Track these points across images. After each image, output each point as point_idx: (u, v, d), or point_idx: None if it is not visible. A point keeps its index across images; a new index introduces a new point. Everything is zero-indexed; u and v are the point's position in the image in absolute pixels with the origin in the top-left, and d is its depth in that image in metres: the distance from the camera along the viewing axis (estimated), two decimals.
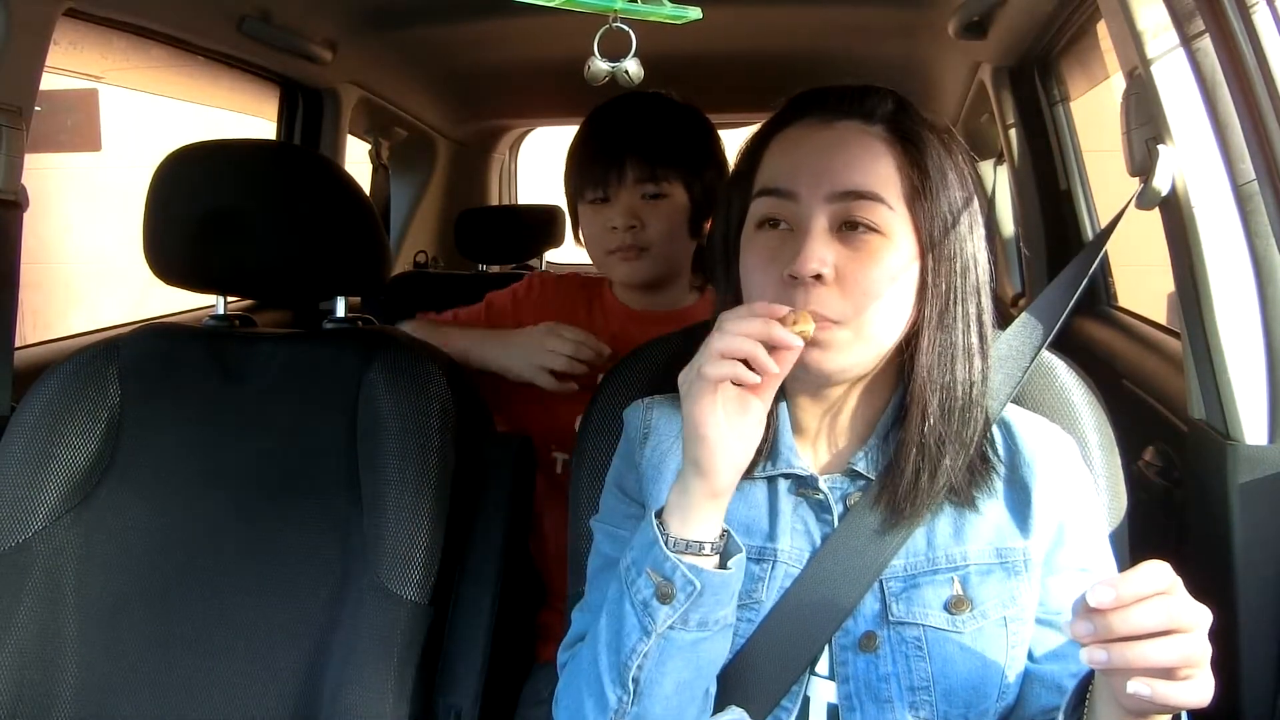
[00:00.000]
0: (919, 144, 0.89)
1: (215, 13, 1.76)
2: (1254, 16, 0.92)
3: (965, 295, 0.89)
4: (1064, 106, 2.00)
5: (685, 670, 0.85)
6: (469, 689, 1.21)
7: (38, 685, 1.21)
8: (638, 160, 1.44)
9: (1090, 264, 1.07)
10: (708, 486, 0.83)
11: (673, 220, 1.46)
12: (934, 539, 0.91)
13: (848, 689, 0.90)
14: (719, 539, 0.85)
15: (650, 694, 0.85)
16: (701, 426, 0.81)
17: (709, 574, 0.83)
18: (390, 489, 1.21)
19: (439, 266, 2.98)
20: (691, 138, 1.50)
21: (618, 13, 0.77)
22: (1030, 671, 0.91)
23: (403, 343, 1.32)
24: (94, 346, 1.33)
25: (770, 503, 0.94)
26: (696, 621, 0.84)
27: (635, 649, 0.84)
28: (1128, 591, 0.69)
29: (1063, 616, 0.91)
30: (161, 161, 1.31)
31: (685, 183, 1.47)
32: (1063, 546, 0.92)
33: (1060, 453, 0.95)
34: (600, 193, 1.46)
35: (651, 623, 0.83)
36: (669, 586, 0.83)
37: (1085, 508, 0.95)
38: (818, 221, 0.86)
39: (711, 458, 0.82)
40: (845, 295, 0.85)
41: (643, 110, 1.50)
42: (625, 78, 0.85)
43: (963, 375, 0.89)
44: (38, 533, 1.24)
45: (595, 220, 1.48)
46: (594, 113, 1.53)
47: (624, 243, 1.45)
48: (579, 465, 1.13)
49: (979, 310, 0.91)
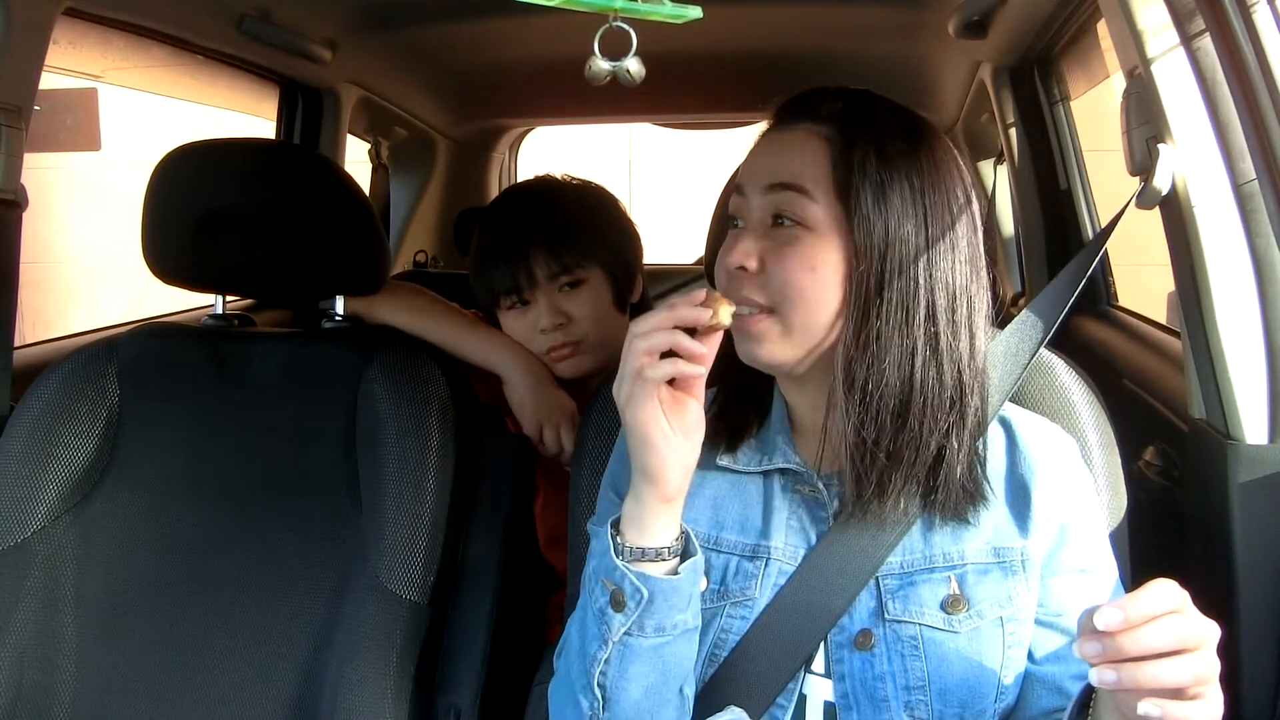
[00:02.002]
0: (856, 141, 0.87)
1: (215, 12, 1.76)
2: (1254, 16, 0.92)
3: (907, 292, 0.85)
4: (1064, 106, 2.00)
5: (651, 674, 0.86)
6: (469, 689, 1.21)
7: (37, 685, 1.21)
8: (545, 255, 1.39)
9: (1090, 263, 1.07)
10: (660, 492, 0.84)
11: (598, 305, 1.43)
12: (931, 537, 0.91)
13: (844, 687, 0.90)
14: (675, 542, 0.86)
15: (617, 700, 0.86)
16: (648, 433, 0.82)
17: (657, 581, 0.84)
18: (389, 488, 1.21)
19: (439, 266, 2.97)
20: (594, 215, 1.46)
21: (617, 12, 0.77)
22: (1031, 673, 0.91)
23: (402, 342, 1.32)
24: (93, 346, 1.33)
25: (765, 499, 0.94)
26: (653, 627, 0.85)
27: (596, 656, 0.86)
28: (1137, 613, 0.68)
29: (1066, 617, 0.91)
30: (160, 160, 1.31)
31: (599, 261, 1.43)
32: (1065, 548, 0.92)
33: (1061, 453, 0.95)
34: (515, 296, 1.42)
35: (608, 630, 0.85)
36: (621, 594, 0.84)
37: (1086, 508, 0.94)
38: (754, 214, 0.90)
39: (661, 463, 0.83)
40: (768, 284, 0.87)
41: (536, 202, 1.46)
42: (626, 77, 0.84)
43: (895, 377, 0.86)
44: (36, 532, 1.24)
45: (520, 325, 1.43)
46: (486, 215, 1.49)
47: (556, 342, 1.41)
48: (579, 465, 1.13)
49: (930, 310, 0.86)
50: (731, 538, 0.93)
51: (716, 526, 0.94)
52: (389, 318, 1.41)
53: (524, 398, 1.40)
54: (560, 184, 1.51)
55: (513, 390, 1.41)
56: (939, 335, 0.87)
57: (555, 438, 1.39)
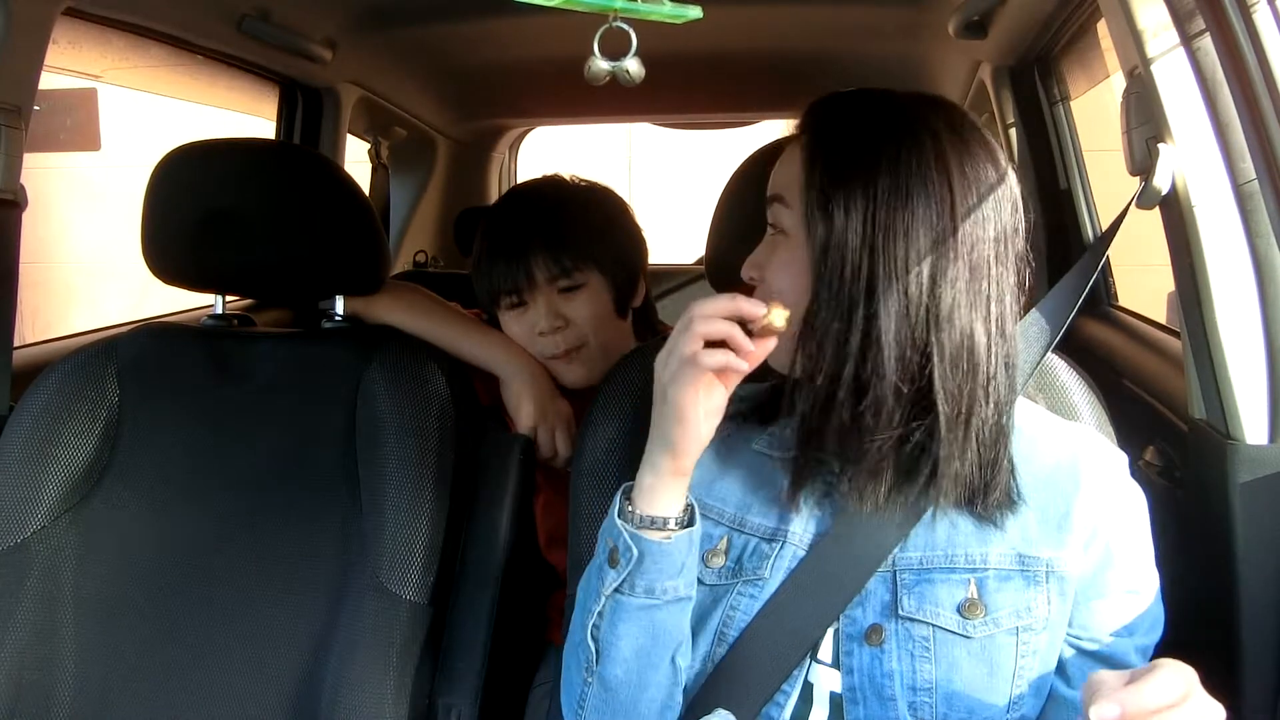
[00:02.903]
0: (820, 142, 0.88)
1: (215, 12, 1.76)
2: (1254, 16, 0.92)
3: (856, 281, 0.83)
4: (1064, 106, 2.00)
5: (640, 635, 0.90)
6: (468, 689, 1.21)
7: (37, 685, 1.21)
8: (544, 256, 1.39)
9: (1095, 265, 1.07)
10: (676, 464, 0.88)
11: (597, 309, 1.42)
12: (955, 535, 0.90)
13: (851, 680, 0.90)
14: (682, 513, 0.90)
15: (608, 655, 0.90)
16: (684, 412, 0.86)
17: (647, 542, 0.88)
18: (389, 488, 1.21)
19: (439, 266, 2.97)
20: (595, 218, 1.45)
21: (617, 12, 0.77)
22: (1061, 694, 0.90)
23: (402, 342, 1.32)
24: (92, 346, 1.33)
25: (788, 484, 0.94)
26: (643, 588, 0.89)
27: (591, 609, 0.91)
28: (1136, 707, 0.67)
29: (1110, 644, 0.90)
30: (160, 160, 1.31)
31: (599, 266, 1.42)
32: (1111, 568, 0.90)
33: (1111, 468, 0.93)
34: (514, 297, 1.41)
35: (601, 584, 0.90)
36: (616, 552, 0.89)
37: (1136, 527, 0.93)
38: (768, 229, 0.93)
39: (685, 439, 0.87)
40: (763, 294, 0.89)
41: (538, 203, 1.45)
42: (626, 77, 0.84)
43: (848, 370, 0.84)
44: (36, 532, 1.24)
45: (519, 326, 1.43)
46: (491, 213, 1.49)
47: (558, 349, 1.40)
48: (579, 466, 1.13)
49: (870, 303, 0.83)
50: (755, 520, 0.94)
51: (743, 508, 0.95)
52: (389, 318, 1.41)
53: (521, 399, 1.40)
54: (566, 185, 1.49)
55: (510, 391, 1.41)
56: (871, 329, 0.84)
57: (550, 440, 1.39)
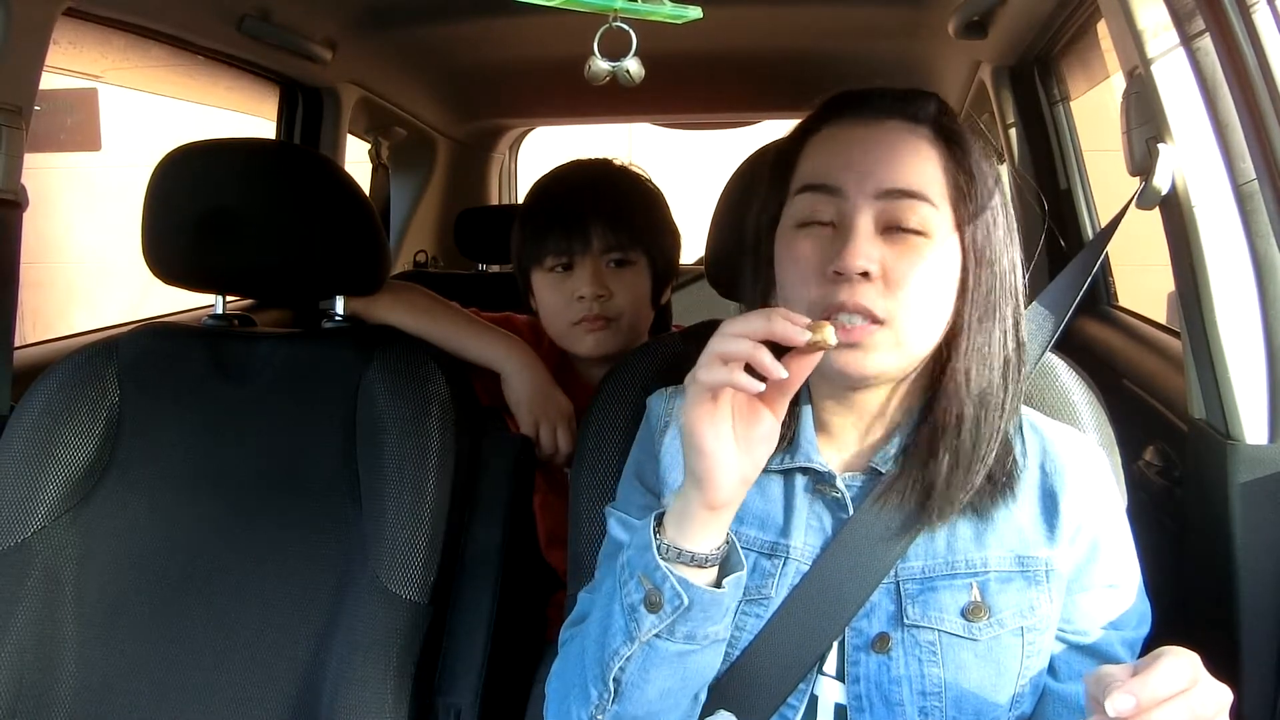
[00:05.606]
0: (964, 146, 0.88)
1: (215, 12, 1.76)
2: (1254, 16, 0.92)
3: (1003, 299, 0.88)
4: (1064, 106, 2.00)
5: (670, 679, 0.84)
6: (469, 688, 1.21)
7: (37, 685, 1.21)
8: (603, 226, 1.40)
9: (1093, 263, 1.07)
10: (705, 499, 0.80)
11: (638, 290, 1.44)
12: (954, 542, 0.90)
13: (858, 689, 0.89)
14: (717, 550, 0.82)
15: (631, 697, 0.84)
16: (697, 437, 0.78)
17: (699, 590, 0.80)
18: (389, 488, 1.21)
19: (439, 266, 2.98)
20: (651, 206, 1.48)
21: (617, 12, 0.77)
22: (1052, 690, 0.91)
23: (402, 342, 1.32)
24: (93, 346, 1.33)
25: (786, 498, 0.93)
26: (684, 635, 0.82)
27: (618, 651, 0.83)
28: (1149, 697, 0.68)
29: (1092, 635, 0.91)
30: (160, 160, 1.31)
31: (648, 251, 1.44)
32: (1095, 563, 0.91)
33: (1093, 466, 0.94)
34: (564, 259, 1.42)
35: (636, 629, 0.82)
36: (658, 595, 0.81)
37: (1117, 522, 0.94)
38: (864, 218, 0.85)
39: (710, 470, 0.79)
40: (889, 293, 0.84)
41: (603, 176, 1.47)
42: (626, 77, 0.84)
43: (998, 379, 0.88)
44: (37, 532, 1.24)
45: (558, 290, 1.43)
46: (546, 180, 1.50)
47: (591, 312, 1.41)
48: (579, 465, 1.13)
49: (1016, 314, 0.89)
50: (751, 533, 0.93)
51: (737, 521, 0.91)
52: (389, 317, 1.41)
53: (522, 396, 1.40)
54: (624, 168, 1.52)
55: (511, 388, 1.41)
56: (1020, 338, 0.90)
57: (551, 437, 1.39)
